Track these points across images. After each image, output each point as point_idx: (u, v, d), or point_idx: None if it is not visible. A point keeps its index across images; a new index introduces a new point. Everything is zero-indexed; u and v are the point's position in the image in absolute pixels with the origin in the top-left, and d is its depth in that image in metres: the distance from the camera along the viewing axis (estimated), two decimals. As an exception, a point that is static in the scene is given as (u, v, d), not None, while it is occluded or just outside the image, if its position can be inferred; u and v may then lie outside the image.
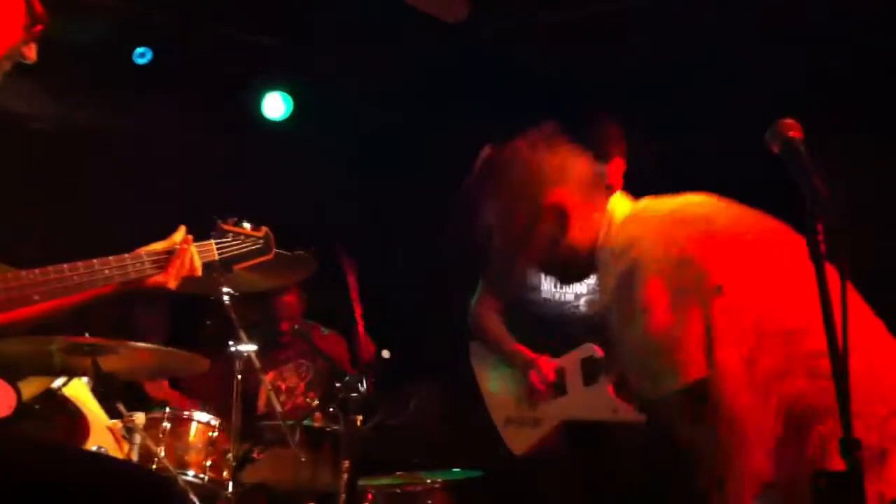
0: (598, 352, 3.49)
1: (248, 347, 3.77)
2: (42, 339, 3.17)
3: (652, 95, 4.86)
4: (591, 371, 3.48)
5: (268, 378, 4.15)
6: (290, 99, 5.82)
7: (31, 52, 2.14)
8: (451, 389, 5.00)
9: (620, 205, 2.43)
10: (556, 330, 3.67)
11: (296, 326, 4.70)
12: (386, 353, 3.90)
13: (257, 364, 3.78)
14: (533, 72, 5.28)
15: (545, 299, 3.69)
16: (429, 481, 4.04)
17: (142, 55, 5.17)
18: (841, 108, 4.39)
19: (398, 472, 4.13)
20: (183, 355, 3.52)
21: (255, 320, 4.54)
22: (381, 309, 5.57)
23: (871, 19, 4.41)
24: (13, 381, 2.03)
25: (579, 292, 3.65)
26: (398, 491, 4.07)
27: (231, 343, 3.76)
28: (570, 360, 3.54)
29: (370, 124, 5.92)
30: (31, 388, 3.50)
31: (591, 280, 3.54)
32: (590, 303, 3.65)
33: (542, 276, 3.64)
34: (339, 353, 5.00)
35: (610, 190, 2.52)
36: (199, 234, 2.51)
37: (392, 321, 5.40)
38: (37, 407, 3.46)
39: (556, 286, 3.66)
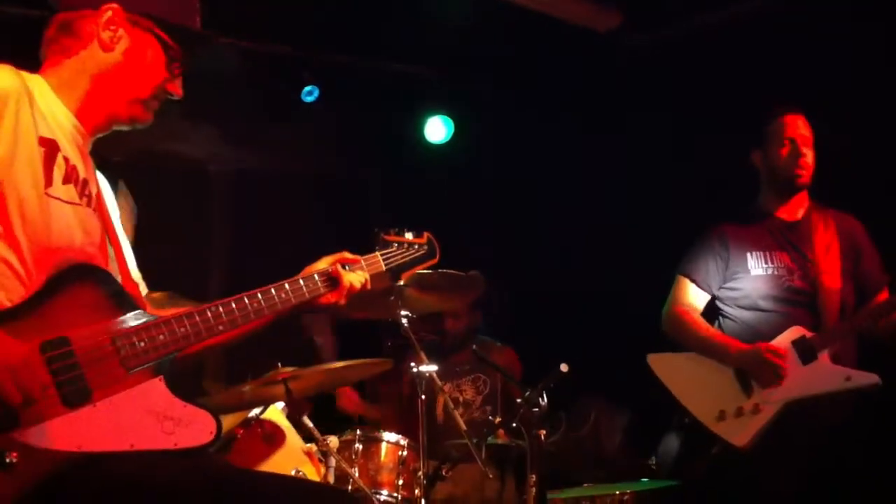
0: (805, 332, 3.53)
1: (430, 368, 3.81)
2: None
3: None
4: (805, 350, 3.52)
5: (445, 389, 4.19)
6: (450, 122, 5.95)
7: (176, 89, 2.20)
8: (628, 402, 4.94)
9: None
10: (761, 309, 3.68)
11: (474, 347, 4.72)
12: (564, 367, 3.89)
13: (439, 384, 3.82)
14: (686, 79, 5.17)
15: (754, 277, 3.69)
16: (617, 493, 4.01)
17: (309, 93, 5.38)
18: None
19: (586, 485, 4.10)
20: (360, 364, 3.90)
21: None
22: (554, 321, 5.60)
23: None
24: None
25: (791, 266, 3.66)
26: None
27: (412, 364, 3.81)
28: (781, 344, 3.55)
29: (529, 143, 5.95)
30: (227, 421, 3.70)
31: (803, 250, 3.64)
32: (804, 275, 3.64)
33: (749, 254, 3.71)
34: (513, 367, 5.00)
35: None
36: (368, 250, 2.51)
37: (566, 333, 5.40)
38: (239, 434, 3.64)
39: (766, 261, 3.69)
